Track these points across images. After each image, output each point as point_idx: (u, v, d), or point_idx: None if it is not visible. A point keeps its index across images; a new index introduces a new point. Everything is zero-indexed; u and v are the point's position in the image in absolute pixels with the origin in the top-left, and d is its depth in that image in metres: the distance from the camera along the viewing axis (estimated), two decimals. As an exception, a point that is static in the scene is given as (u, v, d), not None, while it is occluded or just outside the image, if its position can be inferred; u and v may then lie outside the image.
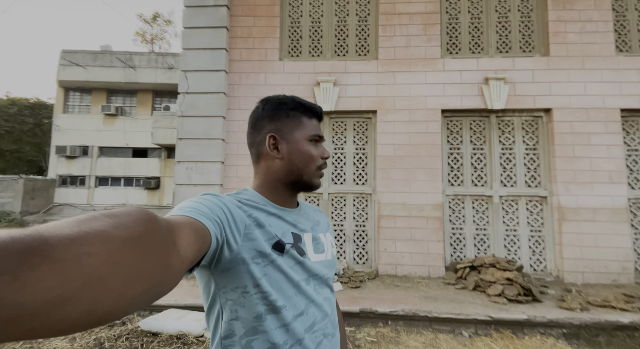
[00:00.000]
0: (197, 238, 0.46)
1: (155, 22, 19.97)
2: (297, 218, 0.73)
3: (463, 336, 3.05)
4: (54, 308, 0.24)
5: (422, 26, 4.72)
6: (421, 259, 4.33)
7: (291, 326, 0.62)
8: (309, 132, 0.72)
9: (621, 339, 2.95)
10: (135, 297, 0.31)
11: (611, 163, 4.25)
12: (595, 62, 4.44)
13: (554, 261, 4.32)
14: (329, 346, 0.68)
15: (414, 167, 4.50)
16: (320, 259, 0.71)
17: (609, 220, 4.16)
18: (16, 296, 0.22)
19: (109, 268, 0.28)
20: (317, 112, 0.76)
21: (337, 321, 0.75)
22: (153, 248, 0.34)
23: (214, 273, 0.61)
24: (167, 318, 3.08)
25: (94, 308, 0.27)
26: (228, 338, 0.62)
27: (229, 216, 0.58)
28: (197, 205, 0.54)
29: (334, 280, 3.23)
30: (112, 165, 13.56)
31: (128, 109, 14.12)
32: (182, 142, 4.62)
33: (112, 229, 0.30)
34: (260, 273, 0.60)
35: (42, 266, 0.23)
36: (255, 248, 0.61)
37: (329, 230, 0.82)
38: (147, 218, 0.35)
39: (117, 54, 13.54)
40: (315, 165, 0.72)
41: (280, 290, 0.62)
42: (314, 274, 0.68)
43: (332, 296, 0.74)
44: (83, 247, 0.27)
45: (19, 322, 0.22)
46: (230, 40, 4.86)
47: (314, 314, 0.66)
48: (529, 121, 4.59)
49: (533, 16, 4.72)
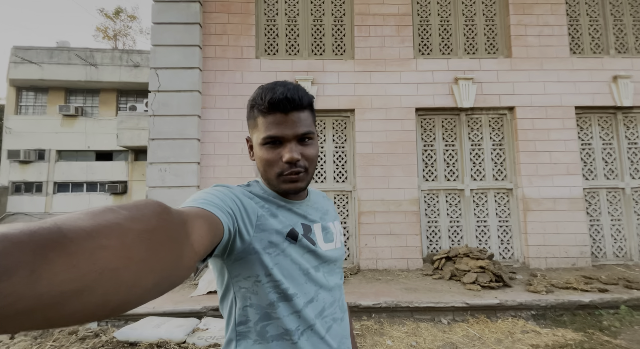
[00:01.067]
0: (210, 230, 0.46)
1: (118, 17, 18.89)
2: (307, 209, 0.72)
3: (442, 323, 3.19)
4: (70, 299, 0.25)
5: (395, 27, 4.86)
6: (400, 252, 4.46)
7: (303, 313, 0.63)
8: (261, 134, 0.64)
9: (583, 317, 3.23)
10: (148, 289, 0.32)
11: (568, 157, 4.63)
12: (552, 63, 4.81)
13: (520, 248, 4.63)
14: (339, 329, 0.70)
15: (392, 164, 4.63)
16: (330, 247, 0.72)
17: (567, 209, 4.53)
18: (33, 289, 0.22)
19: (123, 261, 0.29)
20: (275, 105, 0.63)
21: (346, 305, 0.77)
22: (166, 241, 0.34)
23: (226, 263, 0.61)
24: (145, 326, 2.94)
25: (107, 299, 0.27)
26: (242, 324, 0.63)
27: (240, 208, 0.58)
28: (210, 196, 0.54)
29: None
30: (72, 169, 12.64)
31: (89, 109, 13.24)
32: (154, 143, 4.41)
33: (126, 222, 0.30)
34: (272, 262, 0.61)
35: (59, 259, 0.24)
36: (267, 239, 0.61)
37: (337, 219, 0.82)
38: (161, 211, 0.35)
39: (76, 50, 12.65)
40: (273, 171, 0.65)
41: (291, 278, 0.62)
42: (324, 261, 0.69)
43: (341, 283, 0.75)
44: (98, 240, 0.27)
45: (36, 313, 0.23)
46: (204, 37, 4.73)
47: (324, 300, 0.67)
48: (495, 118, 4.89)
49: (496, 20, 5.03)
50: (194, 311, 3.16)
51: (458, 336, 2.92)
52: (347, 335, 0.73)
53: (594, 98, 4.75)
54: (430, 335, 2.94)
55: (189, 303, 3.28)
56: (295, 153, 0.64)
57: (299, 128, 0.64)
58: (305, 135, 0.65)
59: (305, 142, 0.66)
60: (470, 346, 2.76)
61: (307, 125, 0.66)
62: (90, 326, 3.20)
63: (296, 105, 0.64)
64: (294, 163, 0.65)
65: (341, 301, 0.74)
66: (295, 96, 0.63)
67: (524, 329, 3.02)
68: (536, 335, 2.92)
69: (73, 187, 12.74)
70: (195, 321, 3.08)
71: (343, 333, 0.71)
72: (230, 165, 4.53)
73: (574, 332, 2.95)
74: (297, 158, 0.64)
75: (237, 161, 4.54)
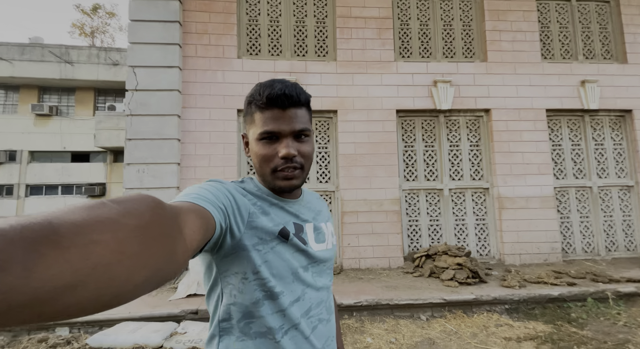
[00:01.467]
0: (202, 225, 0.46)
1: (96, 13, 18.26)
2: (299, 209, 0.72)
3: (421, 319, 3.26)
4: (63, 294, 0.25)
5: (376, 30, 4.95)
6: (382, 251, 4.53)
7: (288, 312, 0.63)
8: (258, 130, 0.65)
9: (552, 310, 3.39)
10: (140, 283, 0.32)
11: (539, 157, 4.85)
12: (525, 67, 5.03)
13: (496, 245, 4.80)
14: (324, 330, 0.70)
15: (374, 164, 4.70)
16: (321, 248, 0.72)
17: (539, 207, 4.74)
18: (26, 284, 0.22)
19: (116, 255, 0.28)
20: (272, 100, 0.63)
21: (333, 307, 0.77)
22: (159, 236, 0.34)
23: (215, 259, 0.61)
24: (119, 331, 2.85)
25: (100, 293, 0.28)
26: (225, 321, 0.63)
27: (233, 204, 0.58)
28: (203, 191, 0.54)
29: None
30: (46, 171, 12.10)
31: (65, 109, 12.73)
32: (131, 143, 4.30)
33: (119, 217, 0.30)
34: (260, 260, 0.61)
35: (51, 254, 0.24)
36: (258, 236, 0.61)
37: (330, 220, 0.82)
38: (154, 205, 0.35)
39: (50, 47, 12.13)
40: (269, 167, 0.65)
41: (279, 276, 0.62)
42: (314, 262, 0.69)
43: (330, 284, 0.75)
44: (91, 235, 0.27)
45: (30, 308, 0.23)
46: (184, 36, 4.66)
47: (310, 300, 0.67)
48: (472, 120, 5.05)
49: (473, 25, 5.21)
50: (172, 315, 3.09)
51: (436, 332, 3.00)
52: (332, 336, 0.73)
53: (562, 101, 5.00)
54: (409, 331, 3.01)
55: (167, 306, 3.21)
56: (291, 148, 0.63)
57: (295, 125, 0.64)
58: (301, 131, 0.65)
59: (301, 139, 0.66)
60: (447, 341, 2.84)
61: (303, 122, 0.66)
62: (61, 333, 3.09)
63: (294, 102, 0.64)
64: (290, 159, 0.64)
65: (329, 302, 0.73)
66: (293, 92, 0.64)
67: (497, 323, 3.14)
68: (509, 328, 3.04)
69: (47, 190, 12.19)
70: (174, 325, 3.02)
71: (329, 334, 0.71)
72: (211, 166, 4.48)
73: (544, 324, 3.09)
74: (294, 153, 0.64)
75: (219, 162, 4.49)
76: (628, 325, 3.00)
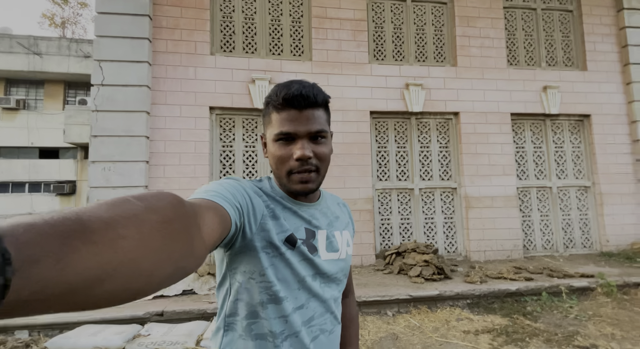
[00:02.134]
0: (220, 223, 0.47)
1: (67, 3, 17.42)
2: (314, 213, 0.70)
3: (388, 315, 3.36)
4: (93, 285, 0.26)
5: (351, 32, 5.02)
6: (355, 250, 4.61)
7: (290, 318, 0.63)
8: (274, 130, 0.65)
9: (510, 303, 3.57)
10: (165, 277, 0.33)
11: (504, 159, 5.08)
12: (492, 73, 5.25)
13: (463, 243, 5.00)
14: (326, 341, 0.68)
15: (348, 164, 4.77)
16: (332, 258, 0.70)
17: (503, 206, 4.97)
18: (60, 276, 0.24)
19: (142, 250, 0.30)
20: (289, 101, 0.63)
21: (339, 318, 0.74)
22: (181, 232, 0.35)
23: (227, 255, 0.63)
24: (80, 334, 2.77)
25: (127, 287, 0.29)
26: (232, 316, 0.65)
27: (249, 204, 0.58)
28: (221, 188, 0.55)
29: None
30: (13, 167, 11.46)
31: (33, 103, 12.09)
32: (97, 140, 4.16)
33: (143, 213, 0.31)
34: (267, 262, 0.61)
35: (82, 248, 0.25)
36: (267, 239, 0.62)
37: (348, 227, 0.78)
38: (176, 202, 0.36)
39: (18, 38, 11.47)
40: (284, 169, 0.64)
41: (284, 281, 0.63)
42: (322, 272, 0.68)
43: (339, 295, 0.73)
44: (118, 230, 0.28)
45: (64, 298, 0.25)
46: (154, 30, 4.54)
47: (314, 309, 0.67)
48: (441, 123, 5.22)
49: (444, 30, 5.38)
50: (135, 317, 3.03)
51: (400, 327, 3.09)
52: (335, 348, 0.71)
53: (526, 106, 5.26)
54: (375, 327, 3.09)
55: (130, 308, 3.14)
56: (306, 150, 0.62)
57: (312, 126, 0.63)
58: (318, 133, 0.64)
59: (318, 141, 0.65)
60: (410, 335, 2.94)
61: (320, 123, 0.65)
62: (20, 336, 2.97)
63: (310, 102, 0.63)
64: (305, 161, 0.63)
65: (335, 314, 0.71)
66: (310, 93, 0.63)
67: (459, 317, 3.28)
68: (469, 322, 3.18)
69: (14, 187, 11.56)
70: (137, 327, 2.96)
71: (331, 345, 0.69)
72: (182, 164, 4.40)
73: (501, 318, 3.25)
74: (309, 155, 0.62)
75: (190, 160, 4.42)
76: (579, 318, 3.21)
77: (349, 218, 0.81)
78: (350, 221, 0.81)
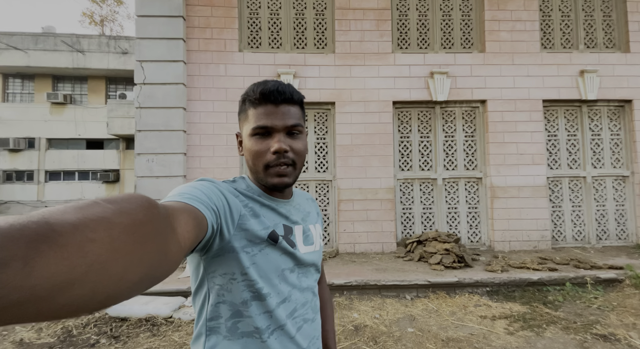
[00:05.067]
0: (195, 226, 0.46)
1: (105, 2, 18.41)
2: (290, 210, 0.73)
3: (406, 298, 3.55)
4: (60, 291, 0.25)
5: (374, 22, 5.02)
6: (376, 237, 4.79)
7: (274, 313, 0.64)
8: (251, 125, 0.66)
9: (531, 293, 3.61)
10: (135, 282, 0.32)
11: (534, 148, 4.94)
12: (523, 58, 5.04)
13: (487, 233, 5.00)
14: (309, 329, 0.72)
15: (369, 155, 4.90)
16: (309, 250, 0.73)
17: (531, 196, 4.88)
18: (26, 281, 0.23)
19: (111, 253, 0.29)
20: (265, 95, 0.65)
21: (318, 306, 0.78)
22: (152, 235, 0.34)
23: (204, 259, 0.62)
24: (134, 303, 3.23)
25: (96, 292, 0.28)
26: (213, 320, 0.64)
27: (225, 205, 0.58)
28: (196, 191, 0.54)
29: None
30: (63, 158, 12.69)
31: (78, 97, 13.15)
32: (141, 134, 4.60)
33: (113, 215, 0.30)
34: (248, 261, 0.62)
35: (49, 252, 0.24)
36: (247, 238, 0.62)
37: (319, 221, 0.82)
38: (147, 205, 0.35)
39: (62, 36, 12.43)
40: (261, 163, 0.66)
41: (266, 278, 0.64)
42: (301, 264, 0.71)
43: (315, 284, 0.77)
44: (86, 233, 0.27)
45: (28, 305, 0.23)
46: (188, 30, 4.84)
47: (296, 300, 0.69)
48: (467, 111, 5.15)
49: (472, 15, 5.20)
50: (180, 291, 3.46)
51: (418, 310, 3.28)
52: (317, 336, 0.74)
53: (560, 92, 5.02)
54: (393, 309, 3.30)
55: (176, 283, 3.58)
56: (283, 143, 0.64)
57: (288, 120, 0.65)
58: (294, 127, 0.66)
59: (294, 136, 0.67)
60: (427, 317, 3.12)
61: (296, 118, 0.67)
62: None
63: (286, 98, 0.66)
64: (282, 154, 0.65)
65: (314, 302, 0.75)
66: (286, 89, 0.66)
67: (477, 303, 3.39)
68: (487, 308, 3.29)
69: (65, 176, 12.81)
70: (182, 299, 3.39)
71: (314, 333, 0.73)
72: (215, 156, 4.75)
73: (520, 305, 3.33)
74: (285, 148, 0.64)
75: (222, 152, 4.77)
76: (601, 308, 3.21)
77: (317, 212, 0.84)
78: (318, 215, 0.84)
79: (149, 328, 2.96)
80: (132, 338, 2.79)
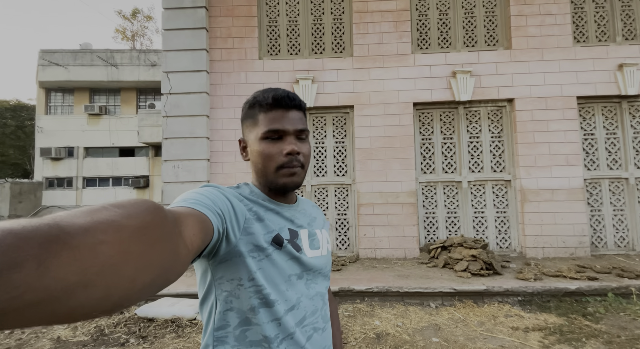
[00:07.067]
0: (201, 230, 0.47)
1: (135, 18, 19.60)
2: (295, 214, 0.73)
3: (430, 307, 3.41)
4: (74, 293, 0.25)
5: (393, 23, 4.96)
6: (398, 242, 4.68)
7: (283, 320, 0.63)
8: (262, 129, 0.68)
9: (568, 303, 3.36)
10: (147, 284, 0.32)
11: (568, 147, 4.63)
12: (554, 53, 4.77)
13: (518, 238, 4.73)
14: (320, 339, 0.69)
15: (389, 158, 4.81)
16: (315, 254, 0.72)
17: (566, 200, 4.57)
18: (40, 281, 0.23)
19: (122, 255, 0.29)
20: (278, 100, 0.68)
21: (329, 315, 0.76)
22: (161, 237, 0.35)
23: (211, 265, 0.62)
24: (161, 305, 3.35)
25: (109, 293, 0.28)
26: (221, 329, 0.63)
27: (230, 209, 0.58)
28: (200, 196, 0.55)
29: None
30: (99, 165, 13.54)
31: (112, 108, 14.03)
32: (167, 141, 4.81)
33: (122, 219, 0.31)
34: (255, 266, 0.61)
35: (62, 253, 0.25)
36: (253, 242, 0.62)
37: (325, 227, 0.82)
38: (154, 209, 0.36)
39: (97, 52, 13.36)
40: (273, 165, 0.67)
41: (273, 283, 0.63)
42: (308, 269, 0.69)
43: (325, 291, 0.75)
44: (97, 236, 0.28)
45: (43, 306, 0.24)
46: (210, 41, 5.02)
47: (305, 308, 0.67)
48: (493, 111, 4.93)
49: (496, 11, 5.00)
50: (204, 293, 3.54)
51: (443, 319, 3.14)
52: (328, 345, 0.72)
53: (596, 87, 4.69)
54: (417, 317, 3.18)
55: (200, 286, 3.67)
56: (295, 146, 0.67)
57: (298, 125, 0.69)
58: (302, 131, 0.70)
59: (301, 140, 0.70)
60: (453, 327, 2.98)
61: (304, 123, 0.71)
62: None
63: (296, 104, 0.70)
64: (294, 156, 0.67)
65: (324, 311, 0.73)
66: (295, 96, 0.70)
67: (508, 313, 3.20)
68: (519, 319, 3.09)
69: (100, 182, 13.65)
70: (206, 301, 3.46)
71: (324, 343, 0.70)
72: (237, 161, 4.86)
73: (556, 317, 3.10)
74: (298, 150, 0.67)
75: (244, 157, 4.86)
76: (650, 322, 2.93)
77: (322, 218, 0.84)
78: (324, 222, 0.84)
79: (174, 329, 3.04)
80: (159, 339, 2.88)
